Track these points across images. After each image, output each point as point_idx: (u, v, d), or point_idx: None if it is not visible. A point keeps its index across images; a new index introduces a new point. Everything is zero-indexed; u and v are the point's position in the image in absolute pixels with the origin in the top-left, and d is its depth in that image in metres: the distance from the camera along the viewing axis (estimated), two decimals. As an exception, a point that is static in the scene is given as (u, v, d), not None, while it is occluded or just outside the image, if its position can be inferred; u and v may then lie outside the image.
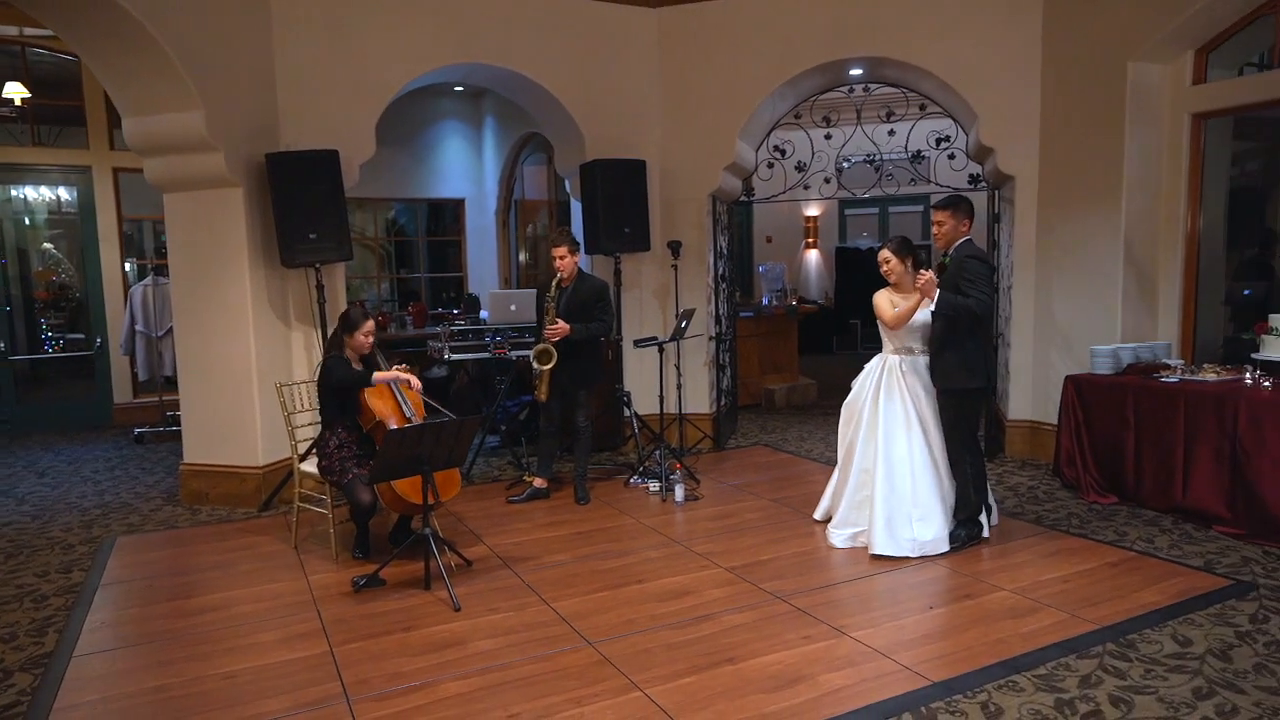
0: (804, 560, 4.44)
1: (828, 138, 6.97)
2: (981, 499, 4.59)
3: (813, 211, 13.55)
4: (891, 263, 4.58)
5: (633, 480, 6.00)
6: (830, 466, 5.45)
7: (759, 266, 12.38)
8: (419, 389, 4.62)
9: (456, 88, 9.67)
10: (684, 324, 6.02)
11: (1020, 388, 6.46)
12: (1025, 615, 3.68)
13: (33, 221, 8.90)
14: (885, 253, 4.59)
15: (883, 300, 4.60)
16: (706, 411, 7.20)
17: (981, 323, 4.45)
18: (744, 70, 6.77)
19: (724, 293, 7.44)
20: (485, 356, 6.39)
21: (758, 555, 4.52)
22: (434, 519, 4.25)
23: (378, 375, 4.50)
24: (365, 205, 10.55)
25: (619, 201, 6.48)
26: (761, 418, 8.50)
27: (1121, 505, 5.22)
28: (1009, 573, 4.18)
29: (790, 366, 9.57)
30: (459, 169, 10.55)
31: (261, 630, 3.75)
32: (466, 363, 6.81)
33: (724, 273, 7.44)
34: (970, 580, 4.10)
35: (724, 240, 7.41)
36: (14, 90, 7.72)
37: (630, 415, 6.54)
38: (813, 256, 13.83)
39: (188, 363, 5.78)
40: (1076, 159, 5.94)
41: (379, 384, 4.48)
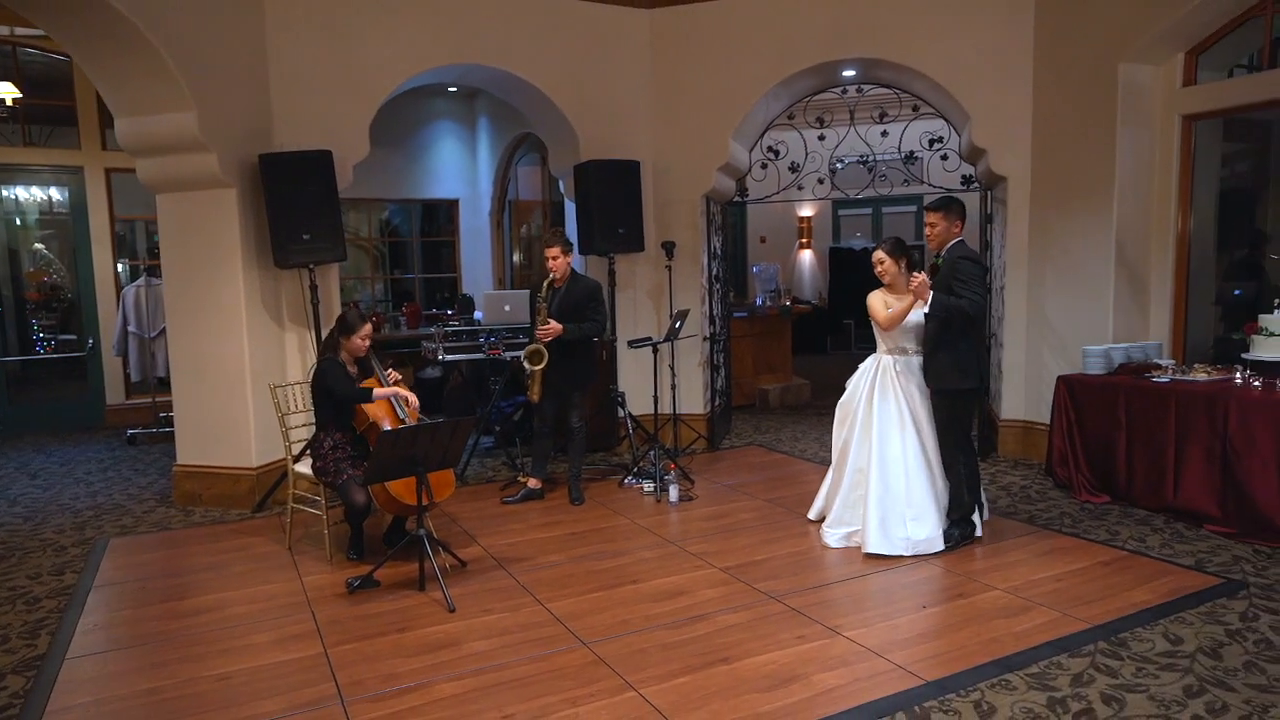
0: (798, 560, 4.46)
1: (821, 138, 6.99)
2: (975, 499, 4.61)
3: (806, 212, 13.57)
4: (886, 263, 4.59)
5: (627, 481, 6.01)
6: (824, 467, 5.46)
7: (753, 267, 12.40)
8: (416, 406, 4.59)
9: (450, 88, 9.67)
10: (678, 325, 6.02)
11: (1013, 387, 6.49)
12: (1018, 614, 3.69)
13: (24, 222, 8.87)
14: (879, 253, 4.61)
15: (876, 301, 4.62)
16: (701, 412, 7.21)
17: (974, 323, 4.47)
18: (737, 71, 6.78)
19: (718, 293, 7.45)
20: (479, 357, 6.39)
21: (752, 555, 4.53)
22: (428, 520, 4.25)
23: (378, 392, 4.48)
24: (359, 206, 10.54)
25: (613, 202, 6.49)
26: (756, 418, 8.52)
27: (1113, 504, 5.24)
28: (1002, 572, 4.20)
29: (784, 367, 9.59)
30: (453, 169, 10.54)
31: (256, 632, 3.74)
32: (461, 363, 6.81)
33: (718, 273, 7.45)
34: (963, 579, 4.12)
35: (718, 241, 7.42)
36: (5, 90, 7.69)
37: (625, 416, 6.54)
38: (806, 257, 13.86)
39: (181, 364, 5.76)
40: (1068, 160, 5.97)
41: (379, 400, 4.46)
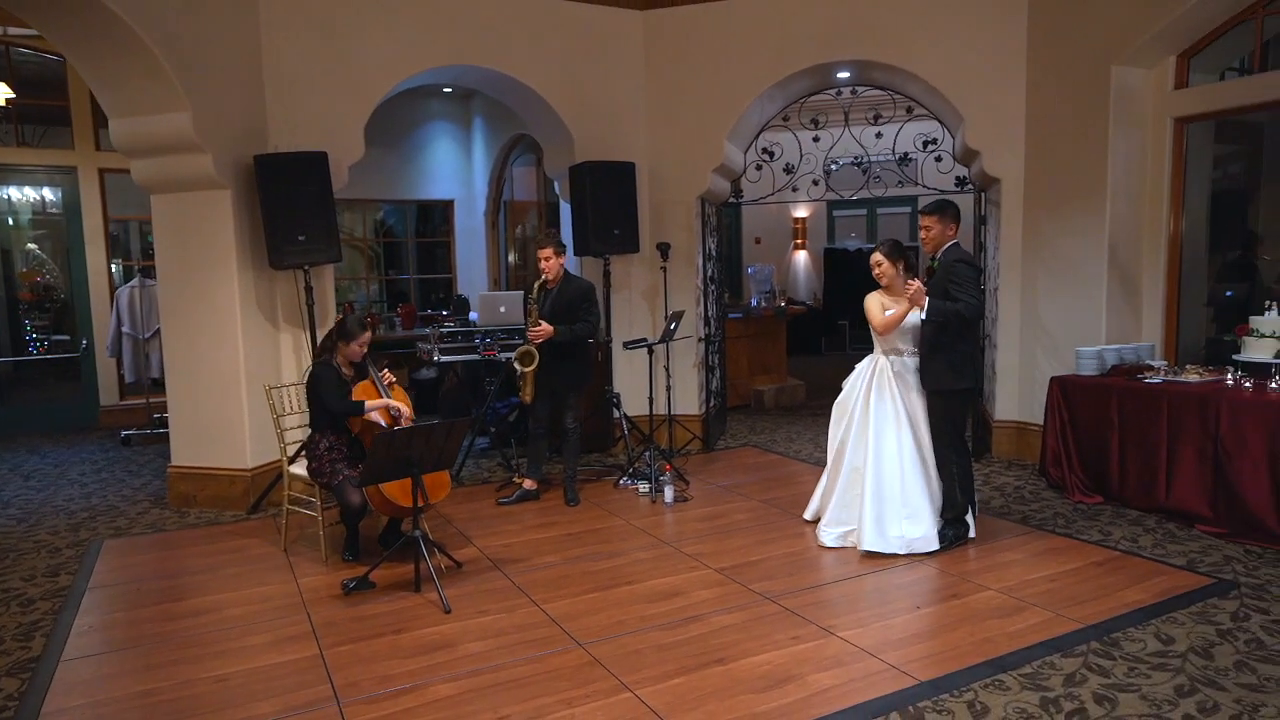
0: (793, 561, 4.47)
1: (816, 140, 7.01)
2: (968, 499, 4.64)
3: (801, 213, 13.59)
4: (884, 265, 4.61)
5: (622, 481, 6.02)
6: (819, 467, 5.49)
7: (748, 268, 12.42)
8: (410, 419, 4.56)
9: (445, 89, 9.66)
10: (673, 326, 6.03)
11: (1006, 388, 6.52)
12: (1011, 614, 3.71)
13: (17, 222, 8.84)
14: (877, 255, 4.63)
15: (874, 304, 4.64)
16: (696, 413, 7.23)
17: (971, 326, 4.50)
18: (732, 73, 6.80)
19: (713, 294, 7.47)
20: (474, 358, 6.39)
21: (747, 556, 4.55)
22: (424, 521, 4.25)
23: (370, 403, 4.47)
24: (354, 206, 10.52)
25: (608, 203, 6.49)
26: (750, 419, 8.53)
27: (1106, 505, 5.27)
28: (995, 572, 4.22)
29: (779, 367, 9.61)
30: (448, 170, 10.54)
31: (251, 633, 3.74)
32: (456, 364, 6.80)
33: (713, 274, 7.47)
34: (957, 580, 4.14)
35: (712, 242, 7.44)
36: (-2, 90, 7.66)
37: (620, 417, 6.56)
38: (801, 258, 13.88)
39: (175, 365, 5.75)
40: (1061, 162, 6.00)
41: (369, 411, 4.45)
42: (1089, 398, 5.38)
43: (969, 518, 4.65)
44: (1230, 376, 4.94)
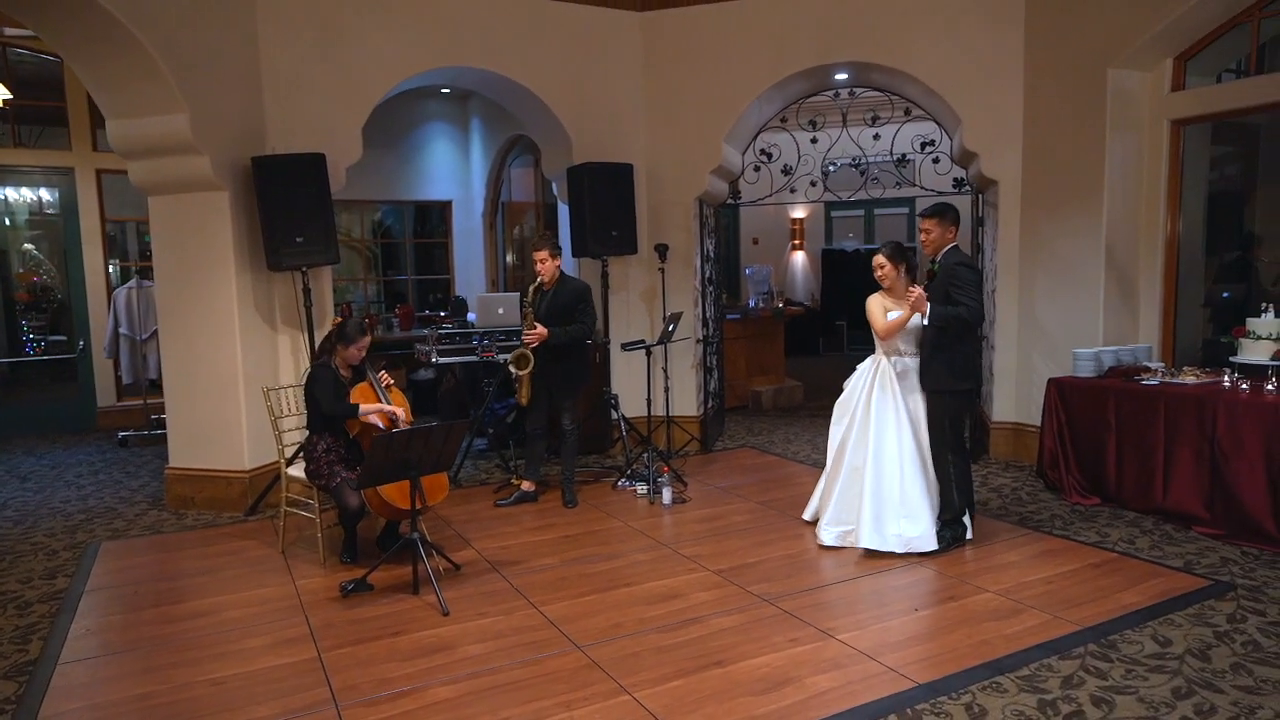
0: (791, 562, 4.47)
1: (814, 141, 7.01)
2: (965, 500, 4.65)
3: (799, 214, 13.60)
4: (886, 268, 4.62)
5: (620, 483, 6.02)
6: (817, 469, 5.49)
7: (745, 269, 12.42)
8: (408, 421, 4.53)
9: (443, 90, 9.65)
10: (671, 328, 6.03)
11: (1004, 390, 6.53)
12: (1009, 617, 3.72)
13: (13, 222, 8.82)
14: (880, 258, 4.64)
15: (876, 306, 4.65)
16: (694, 414, 7.23)
17: (972, 329, 4.52)
18: (730, 74, 6.80)
19: (711, 295, 7.48)
20: (472, 359, 6.39)
21: (745, 558, 4.55)
22: (422, 523, 4.25)
23: (365, 408, 4.45)
24: (351, 207, 10.52)
25: (606, 205, 6.49)
26: (748, 420, 8.54)
27: (1104, 506, 5.28)
28: (993, 574, 4.22)
29: (777, 368, 9.61)
30: (446, 171, 10.53)
31: (249, 636, 3.74)
32: (454, 365, 6.80)
33: (710, 275, 7.47)
34: (955, 582, 4.14)
35: (710, 243, 7.44)
36: (-5, 91, 7.65)
37: (618, 418, 6.56)
38: (799, 258, 13.89)
39: (173, 366, 5.75)
40: (1058, 164, 6.01)
41: (365, 414, 4.44)
42: (1086, 399, 5.38)
43: (966, 519, 4.66)
44: (1227, 378, 4.95)
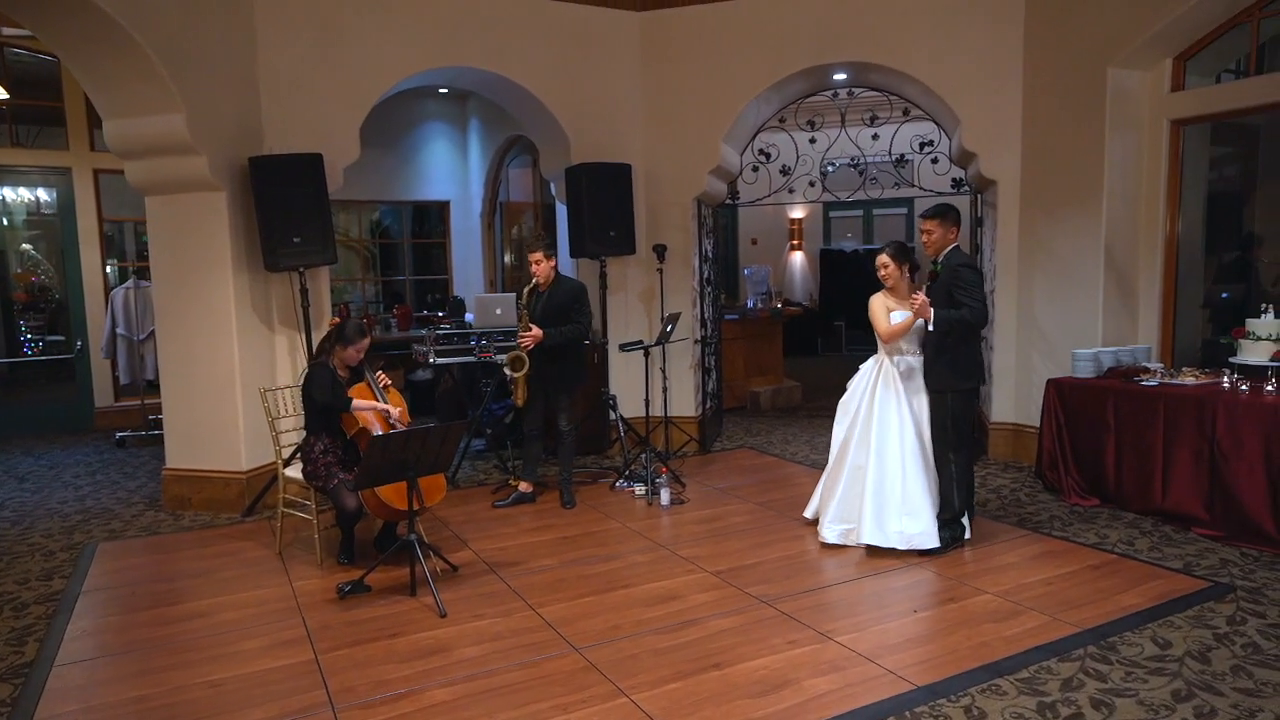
0: (790, 564, 4.46)
1: (812, 141, 7.00)
2: (965, 499, 4.64)
3: (797, 214, 13.59)
4: (889, 267, 4.62)
5: (618, 484, 6.01)
6: (815, 469, 5.48)
7: (744, 269, 12.42)
8: (401, 421, 4.52)
9: (441, 90, 9.63)
10: (669, 328, 6.02)
11: (1003, 390, 6.52)
12: (1008, 618, 3.71)
13: (11, 223, 8.81)
14: (883, 257, 4.64)
15: (878, 307, 4.64)
16: (692, 414, 7.22)
17: (976, 330, 4.52)
18: (728, 74, 6.79)
19: (709, 295, 7.46)
20: (470, 360, 6.37)
21: (743, 559, 4.54)
22: (419, 524, 4.24)
23: (358, 403, 4.43)
24: (350, 207, 10.50)
25: (604, 205, 6.48)
26: (747, 420, 8.52)
27: (1103, 507, 5.27)
28: (992, 575, 4.21)
29: (775, 369, 9.60)
30: (444, 171, 10.51)
31: (246, 638, 3.72)
32: (452, 366, 6.78)
33: (709, 276, 7.46)
34: (954, 583, 4.13)
35: (709, 243, 7.43)
36: (-8, 90, 7.64)
37: (616, 419, 6.54)
38: (797, 259, 13.88)
39: (170, 367, 5.73)
40: (1058, 164, 6.00)
41: (359, 411, 4.44)
42: (1085, 400, 5.37)
43: (965, 519, 4.65)
44: (1227, 379, 4.94)
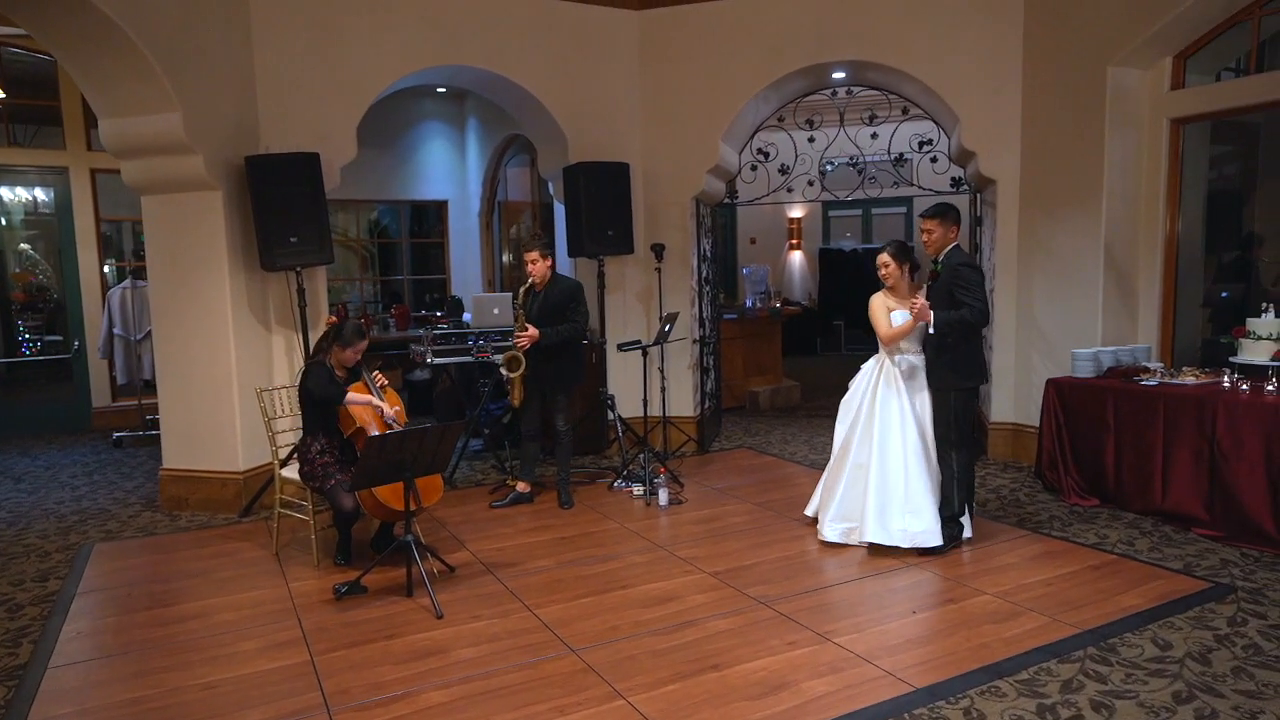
0: (788, 564, 4.44)
1: (811, 140, 6.98)
2: (965, 497, 4.62)
3: (796, 213, 13.57)
4: (890, 266, 4.61)
5: (617, 484, 5.99)
6: (814, 469, 5.46)
7: (743, 268, 12.39)
8: (398, 421, 4.50)
9: (439, 89, 9.62)
10: (668, 328, 6.01)
11: (1002, 390, 6.50)
12: (1007, 619, 3.69)
13: (9, 222, 8.78)
14: (884, 256, 4.63)
15: (879, 307, 4.62)
16: (690, 414, 7.20)
17: (978, 329, 4.51)
18: (727, 73, 6.77)
19: (708, 295, 7.44)
20: (467, 360, 6.36)
21: (742, 560, 4.52)
22: (416, 525, 4.22)
23: (353, 395, 4.41)
24: (348, 207, 10.48)
25: (602, 204, 6.46)
26: (745, 420, 8.51)
27: (1102, 508, 5.25)
28: (991, 576, 4.20)
29: (774, 368, 9.58)
30: (442, 171, 10.50)
31: (242, 639, 3.70)
32: (449, 366, 6.77)
33: (707, 275, 7.44)
34: (953, 584, 4.11)
35: (707, 243, 7.41)
36: (-11, 90, 7.63)
37: (614, 418, 6.53)
38: (797, 258, 13.86)
39: (167, 367, 5.71)
40: (1057, 163, 5.98)
41: (358, 405, 4.41)
42: (1085, 400, 5.36)
43: (965, 519, 4.64)
44: (1227, 379, 4.92)
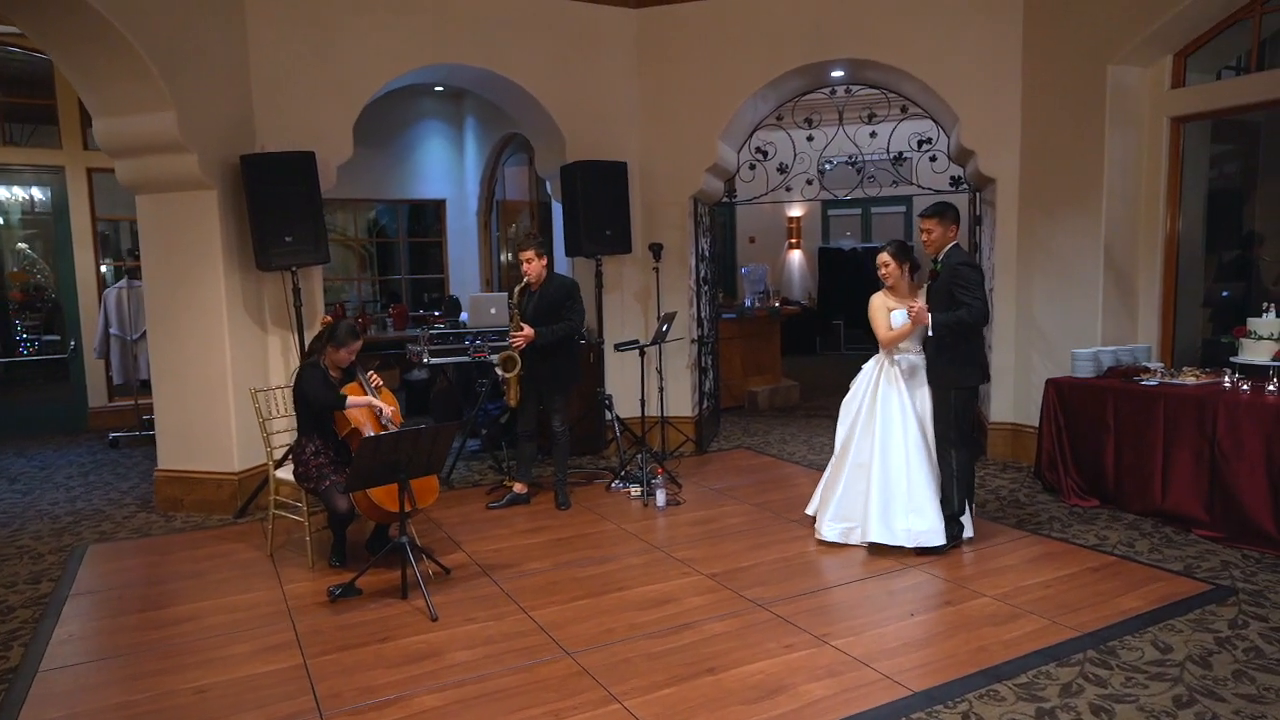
0: (786, 566, 4.41)
1: (810, 139, 6.95)
2: (965, 496, 4.60)
3: (795, 212, 13.54)
4: (890, 266, 4.59)
5: (614, 485, 5.96)
6: (813, 470, 5.43)
7: (741, 268, 12.36)
8: (394, 421, 4.47)
9: (436, 88, 9.58)
10: (665, 328, 5.98)
11: (1002, 390, 6.47)
12: (1006, 622, 3.66)
13: (6, 222, 8.75)
14: (884, 255, 4.61)
15: (879, 308, 4.60)
16: (689, 414, 7.17)
17: (977, 329, 4.48)
18: (725, 72, 6.74)
19: (706, 294, 7.41)
20: (464, 359, 6.33)
21: (739, 561, 4.49)
22: (411, 526, 4.19)
23: (352, 399, 4.38)
24: (346, 206, 10.45)
25: (600, 203, 6.43)
26: (744, 420, 8.48)
27: (1102, 508, 5.22)
28: (990, 578, 4.17)
29: (773, 368, 9.54)
30: (440, 170, 10.46)
31: (235, 642, 3.68)
32: (447, 366, 6.74)
33: (706, 274, 7.41)
34: (952, 586, 4.08)
35: (706, 242, 7.38)
36: (-16, 89, 7.59)
37: (612, 419, 6.50)
38: (796, 257, 13.83)
39: (162, 367, 5.68)
40: (1057, 162, 5.95)
41: (354, 407, 4.38)
42: (1085, 400, 5.33)
43: (965, 518, 4.62)
44: (1227, 379, 4.90)
